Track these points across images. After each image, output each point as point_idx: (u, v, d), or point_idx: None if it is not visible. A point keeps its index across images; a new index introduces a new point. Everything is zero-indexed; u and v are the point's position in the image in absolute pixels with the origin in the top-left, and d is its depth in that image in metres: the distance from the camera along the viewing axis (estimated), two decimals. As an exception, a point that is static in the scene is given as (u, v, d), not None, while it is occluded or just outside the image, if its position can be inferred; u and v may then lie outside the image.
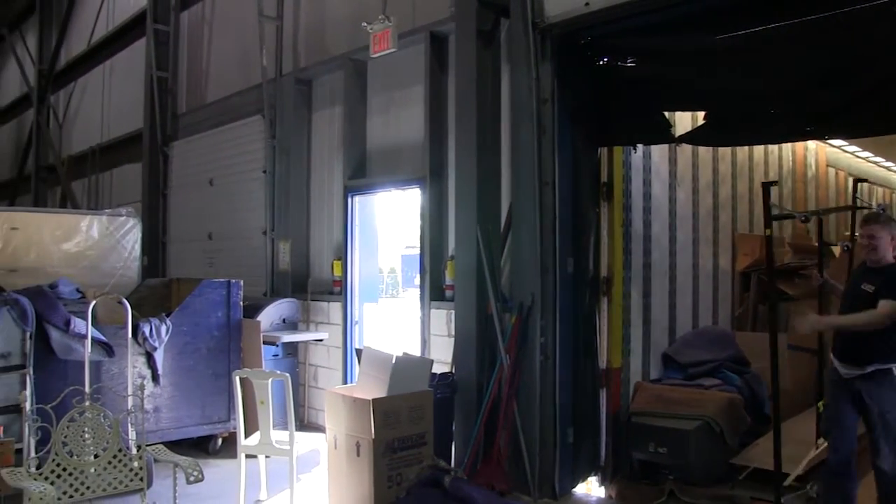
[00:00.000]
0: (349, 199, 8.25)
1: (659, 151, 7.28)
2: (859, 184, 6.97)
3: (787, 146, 10.48)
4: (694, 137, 6.63)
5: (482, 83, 6.33)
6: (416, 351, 6.98)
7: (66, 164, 15.22)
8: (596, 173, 6.35)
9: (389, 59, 7.38)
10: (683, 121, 7.13)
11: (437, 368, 6.25)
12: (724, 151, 8.73)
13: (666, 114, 6.38)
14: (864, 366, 4.68)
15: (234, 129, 9.94)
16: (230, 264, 9.78)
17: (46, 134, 16.03)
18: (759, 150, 9.57)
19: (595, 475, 6.25)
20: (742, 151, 9.16)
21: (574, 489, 6.08)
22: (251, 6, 9.32)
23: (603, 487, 6.21)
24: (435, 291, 7.07)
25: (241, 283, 7.49)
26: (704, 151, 8.23)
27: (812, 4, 4.80)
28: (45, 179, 16.31)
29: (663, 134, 6.38)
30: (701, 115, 6.55)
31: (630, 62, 6.03)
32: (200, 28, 11.36)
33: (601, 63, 6.12)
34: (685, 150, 7.79)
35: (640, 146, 6.79)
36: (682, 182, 7.81)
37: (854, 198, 6.63)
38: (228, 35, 10.62)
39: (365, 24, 7.20)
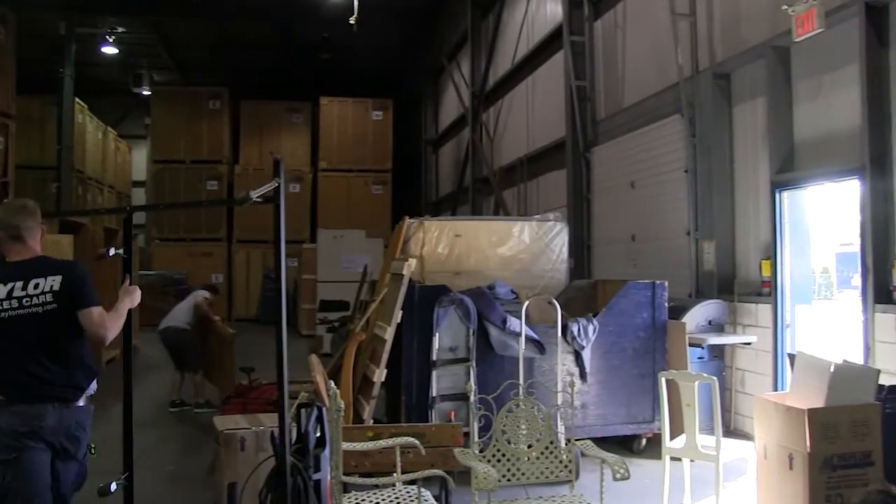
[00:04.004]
0: (776, 195, 7.77)
1: None
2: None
3: None
4: None
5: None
6: (857, 358, 6.36)
7: (497, 175, 16.61)
8: None
9: (815, 39, 6.82)
10: None
11: (885, 380, 5.61)
12: None
13: None
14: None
15: (652, 131, 9.97)
16: (653, 265, 9.83)
17: (480, 149, 17.70)
18: None
19: None
20: None
21: None
22: (663, 7, 9.27)
23: None
24: (880, 293, 6.37)
25: (666, 284, 7.50)
26: None
27: None
28: (480, 190, 18.00)
29: None
30: None
31: None
32: (614, 34, 11.60)
33: None
34: None
35: None
36: None
37: None
38: (641, 38, 10.69)
39: (785, 6, 6.78)
